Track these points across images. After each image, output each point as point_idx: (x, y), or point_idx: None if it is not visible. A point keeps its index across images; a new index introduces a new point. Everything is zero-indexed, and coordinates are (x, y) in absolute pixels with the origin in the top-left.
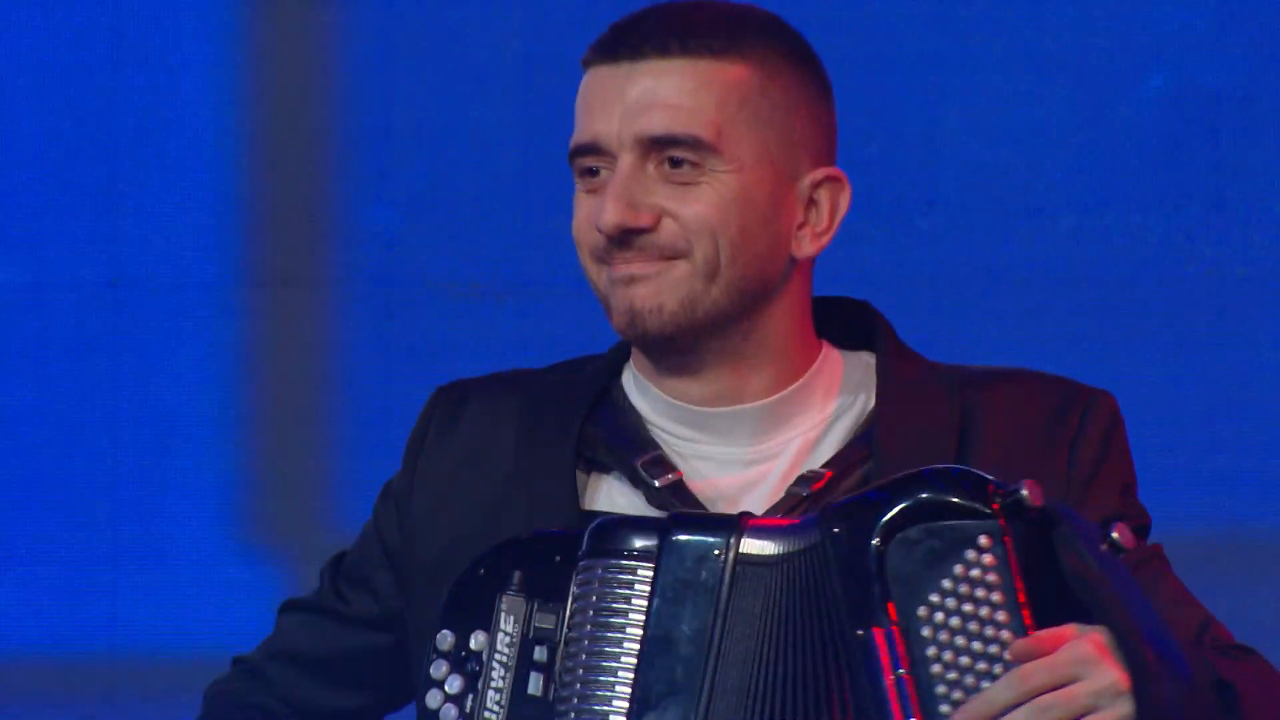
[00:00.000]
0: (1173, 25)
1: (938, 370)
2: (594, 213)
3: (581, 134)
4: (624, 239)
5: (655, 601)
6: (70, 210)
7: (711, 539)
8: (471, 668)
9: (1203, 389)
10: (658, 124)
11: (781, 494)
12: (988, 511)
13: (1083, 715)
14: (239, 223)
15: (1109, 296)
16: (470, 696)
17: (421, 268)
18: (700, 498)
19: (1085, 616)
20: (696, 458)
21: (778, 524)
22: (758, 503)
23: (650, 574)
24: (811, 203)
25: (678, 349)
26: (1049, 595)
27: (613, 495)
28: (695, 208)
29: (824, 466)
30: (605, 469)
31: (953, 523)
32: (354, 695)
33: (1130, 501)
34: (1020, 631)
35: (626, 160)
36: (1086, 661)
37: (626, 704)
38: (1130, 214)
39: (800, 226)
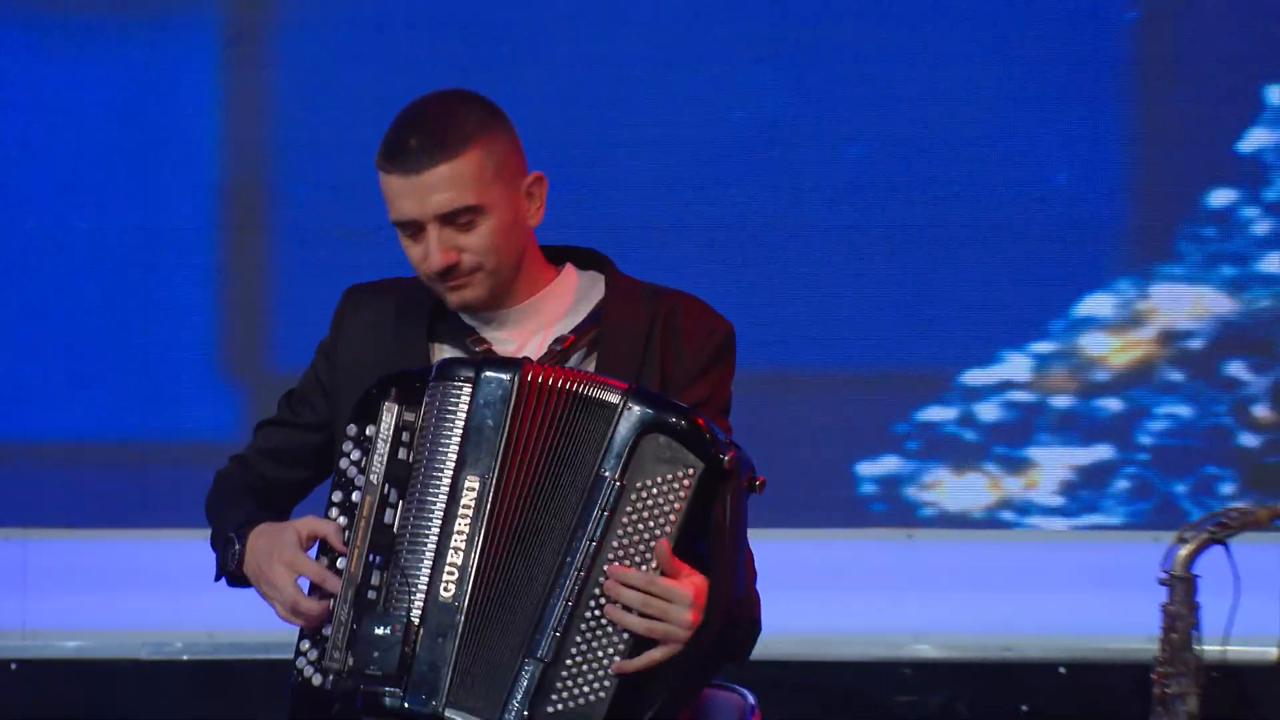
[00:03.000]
0: (754, 79)
1: (640, 283)
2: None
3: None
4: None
5: (473, 405)
6: (119, 183)
7: (506, 370)
8: (365, 445)
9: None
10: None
11: (545, 350)
12: (701, 457)
13: (662, 622)
14: (217, 194)
15: (728, 241)
16: (363, 459)
17: (323, 221)
18: (502, 354)
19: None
20: (494, 340)
21: (553, 370)
22: (533, 355)
23: (470, 390)
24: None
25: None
26: (704, 522)
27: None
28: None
29: (570, 333)
30: (445, 341)
31: (683, 448)
32: (302, 471)
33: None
34: (669, 538)
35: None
36: (687, 600)
37: (454, 463)
38: (729, 190)
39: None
